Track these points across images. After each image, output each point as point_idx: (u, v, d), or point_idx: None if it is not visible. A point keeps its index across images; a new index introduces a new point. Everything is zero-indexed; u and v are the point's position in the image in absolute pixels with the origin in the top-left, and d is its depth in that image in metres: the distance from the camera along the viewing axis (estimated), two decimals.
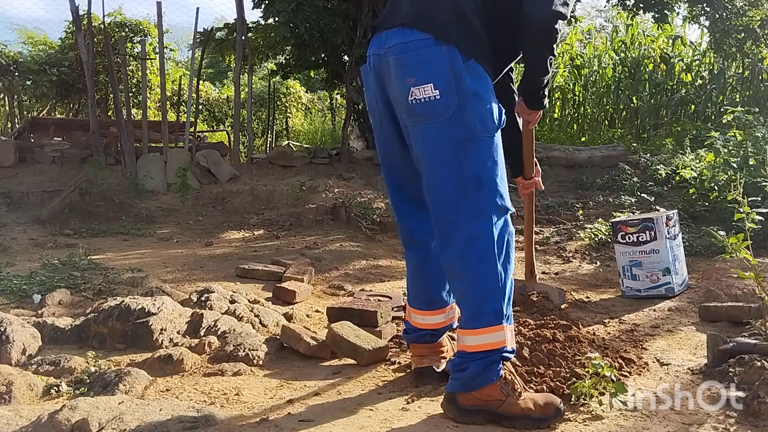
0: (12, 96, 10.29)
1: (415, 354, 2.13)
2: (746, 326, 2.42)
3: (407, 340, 2.19)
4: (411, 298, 2.14)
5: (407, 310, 2.19)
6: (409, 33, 1.72)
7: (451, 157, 1.71)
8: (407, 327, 2.18)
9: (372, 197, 6.06)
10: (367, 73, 1.90)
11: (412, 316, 2.14)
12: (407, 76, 1.71)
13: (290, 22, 6.82)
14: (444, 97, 1.68)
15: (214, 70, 16.31)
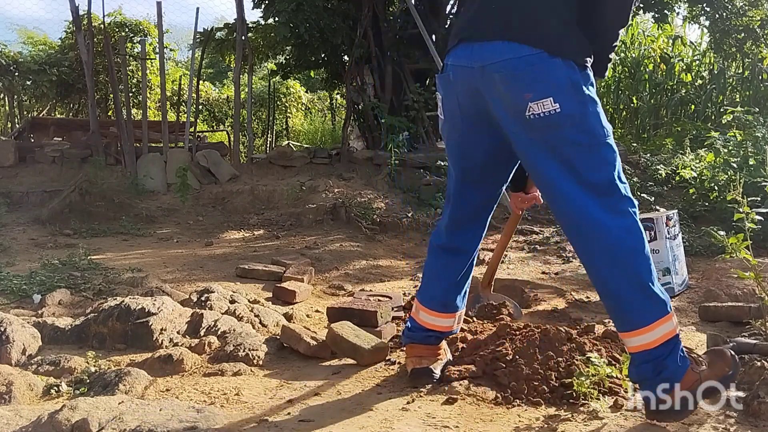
0: (12, 96, 10.30)
1: (413, 354, 2.12)
2: (746, 326, 2.42)
3: (410, 338, 2.15)
4: (426, 298, 2.12)
5: (416, 308, 2.15)
6: (518, 48, 1.69)
7: (579, 164, 1.70)
8: (412, 325, 2.15)
9: (372, 197, 6.06)
10: (449, 82, 1.86)
11: (422, 314, 2.12)
12: (524, 91, 1.68)
13: (290, 22, 6.83)
14: (565, 109, 1.67)
15: (214, 70, 16.31)
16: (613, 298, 1.75)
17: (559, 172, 1.71)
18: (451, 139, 1.96)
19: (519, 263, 4.32)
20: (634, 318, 1.70)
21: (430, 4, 7.94)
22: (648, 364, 1.68)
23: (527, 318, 2.94)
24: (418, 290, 2.19)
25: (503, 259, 4.36)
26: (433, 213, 5.78)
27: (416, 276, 3.95)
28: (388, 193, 6.34)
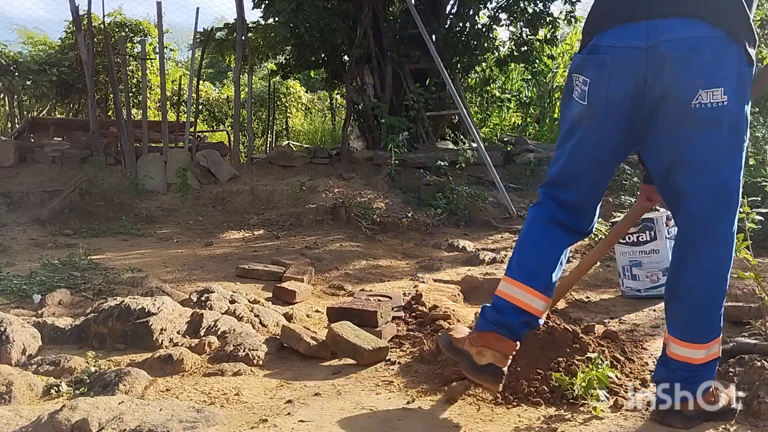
0: (12, 96, 10.30)
1: (491, 346, 1.76)
2: (746, 326, 2.42)
3: (497, 324, 1.78)
4: (524, 274, 1.80)
5: (509, 285, 1.81)
6: (698, 26, 1.53)
7: (722, 168, 1.61)
8: (501, 305, 1.79)
9: (372, 197, 6.06)
10: (603, 65, 1.65)
11: (517, 292, 1.78)
12: (697, 76, 1.53)
13: (290, 22, 6.83)
14: (731, 104, 1.55)
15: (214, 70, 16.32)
16: (696, 308, 1.70)
17: (700, 170, 1.61)
18: (586, 126, 1.74)
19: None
20: (701, 332, 1.70)
21: (430, 4, 7.95)
22: (684, 373, 1.70)
23: None
24: (511, 266, 1.85)
25: (503, 259, 4.36)
26: (433, 213, 5.78)
27: (416, 276, 3.94)
28: (388, 193, 6.34)
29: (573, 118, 1.76)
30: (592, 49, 1.69)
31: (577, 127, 1.76)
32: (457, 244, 4.88)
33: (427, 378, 2.12)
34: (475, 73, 9.42)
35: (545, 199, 1.89)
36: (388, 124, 7.34)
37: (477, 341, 1.78)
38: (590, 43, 1.71)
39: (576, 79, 1.72)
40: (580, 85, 1.70)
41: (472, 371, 1.77)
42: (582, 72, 1.71)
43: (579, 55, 1.76)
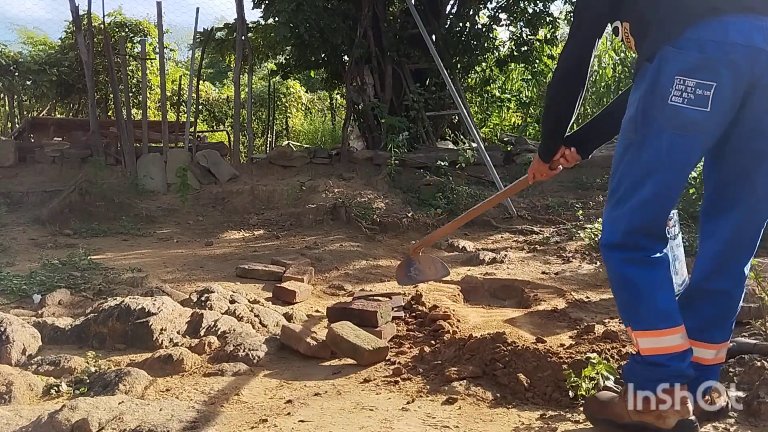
0: (12, 96, 10.30)
1: (684, 399, 1.60)
2: (746, 326, 2.42)
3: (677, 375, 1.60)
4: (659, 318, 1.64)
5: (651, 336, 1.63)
6: None
7: None
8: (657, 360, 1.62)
9: (372, 197, 6.06)
10: (733, 66, 1.46)
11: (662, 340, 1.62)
12: None
13: (290, 22, 6.84)
14: None
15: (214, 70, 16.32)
16: (722, 312, 1.72)
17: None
18: (701, 136, 1.54)
19: (519, 263, 4.32)
20: (719, 333, 1.70)
21: (430, 4, 7.95)
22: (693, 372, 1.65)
23: (527, 318, 2.94)
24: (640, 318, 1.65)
25: (503, 259, 4.36)
26: (433, 213, 5.78)
27: None
28: (388, 193, 6.34)
29: (681, 126, 1.52)
30: (709, 46, 1.46)
31: (684, 137, 1.54)
32: (457, 244, 4.88)
33: (427, 378, 2.12)
34: (475, 73, 9.42)
35: (634, 242, 1.64)
36: (388, 124, 7.34)
37: (647, 407, 1.61)
38: (701, 37, 1.47)
39: (682, 82, 1.48)
40: (692, 89, 1.48)
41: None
42: (700, 75, 1.47)
43: (688, 53, 1.48)
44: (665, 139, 1.54)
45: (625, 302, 1.67)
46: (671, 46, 1.50)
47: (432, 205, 5.94)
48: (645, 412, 1.60)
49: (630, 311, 1.66)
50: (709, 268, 1.70)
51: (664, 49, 1.51)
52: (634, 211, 1.61)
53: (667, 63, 1.51)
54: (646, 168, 1.59)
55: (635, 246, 1.62)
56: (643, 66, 1.59)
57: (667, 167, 1.57)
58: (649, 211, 1.61)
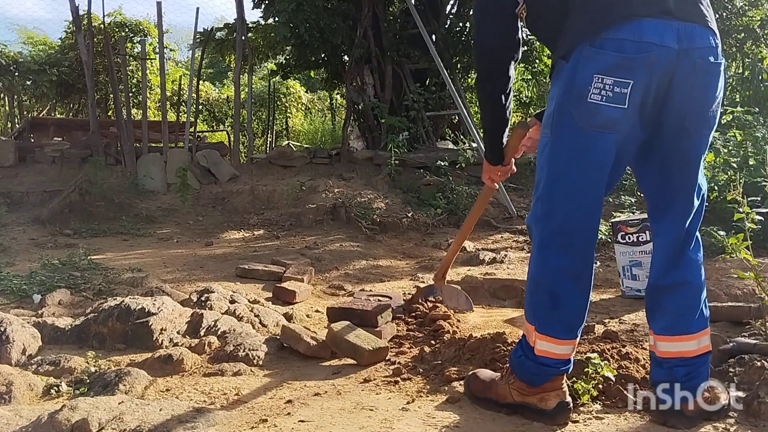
0: (12, 96, 10.31)
1: (563, 384, 1.75)
2: (746, 326, 2.42)
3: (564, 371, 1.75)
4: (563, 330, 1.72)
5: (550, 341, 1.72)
6: (713, 37, 1.58)
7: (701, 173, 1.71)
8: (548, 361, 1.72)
9: (372, 197, 6.06)
10: (649, 64, 1.52)
11: (558, 348, 1.71)
12: (716, 84, 1.60)
13: (290, 22, 6.84)
14: (717, 114, 1.66)
15: (214, 70, 16.32)
16: (686, 302, 1.74)
17: (696, 170, 1.68)
18: (623, 133, 1.58)
19: (519, 263, 4.31)
20: (690, 322, 1.72)
21: (430, 4, 7.95)
22: (682, 369, 1.72)
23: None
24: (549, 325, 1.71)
25: (503, 259, 4.36)
26: (433, 213, 5.78)
27: (416, 276, 3.95)
28: (388, 193, 6.34)
29: (600, 123, 1.56)
30: (625, 46, 1.52)
31: (602, 134, 1.58)
32: None
33: (427, 378, 2.12)
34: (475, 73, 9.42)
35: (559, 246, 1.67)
36: (388, 124, 7.34)
37: (534, 389, 1.73)
38: (618, 37, 1.52)
39: (600, 80, 1.53)
40: (610, 87, 1.53)
41: (545, 418, 1.73)
42: (618, 74, 1.52)
43: (607, 55, 1.53)
44: (581, 136, 1.59)
45: (539, 304, 1.71)
46: (590, 46, 1.54)
47: (432, 205, 5.94)
48: (528, 395, 1.74)
49: (541, 314, 1.71)
50: (664, 265, 1.74)
51: (582, 48, 1.56)
52: (554, 213, 1.66)
53: (586, 61, 1.55)
54: (562, 166, 1.63)
55: (559, 248, 1.66)
56: (558, 64, 1.64)
57: (583, 165, 1.61)
58: (566, 213, 1.64)
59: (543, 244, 1.70)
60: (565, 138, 1.62)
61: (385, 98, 7.81)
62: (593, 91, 1.54)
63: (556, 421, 1.72)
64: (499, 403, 1.81)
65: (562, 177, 1.64)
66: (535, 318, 1.72)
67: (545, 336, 1.70)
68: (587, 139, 1.58)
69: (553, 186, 1.66)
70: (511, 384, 1.79)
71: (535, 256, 1.73)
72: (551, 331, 1.70)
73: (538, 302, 1.72)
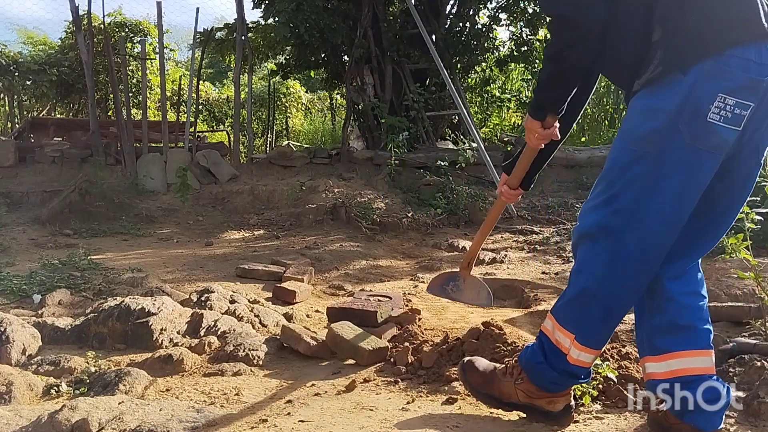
0: (12, 96, 10.30)
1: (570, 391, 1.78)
2: (746, 326, 2.42)
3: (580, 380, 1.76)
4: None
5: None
6: None
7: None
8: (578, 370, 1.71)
9: (372, 197, 6.06)
10: (758, 84, 1.45)
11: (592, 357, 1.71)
12: None
13: (290, 22, 6.84)
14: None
15: (214, 70, 16.32)
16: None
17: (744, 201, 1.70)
18: (711, 164, 1.51)
19: (519, 263, 4.32)
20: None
21: (430, 4, 7.95)
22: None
23: (527, 318, 2.94)
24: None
25: (503, 259, 4.36)
26: (433, 213, 5.78)
27: (416, 276, 3.95)
28: (388, 193, 6.34)
29: (714, 146, 1.48)
30: (752, 67, 1.44)
31: (712, 155, 1.50)
32: (457, 244, 4.88)
33: (427, 378, 2.12)
34: (475, 73, 9.42)
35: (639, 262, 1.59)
36: (388, 124, 7.34)
37: (542, 394, 1.73)
38: (745, 56, 1.44)
39: (723, 99, 1.44)
40: (731, 108, 1.45)
41: (550, 419, 1.73)
42: (742, 95, 1.45)
43: (732, 72, 1.44)
44: (691, 155, 1.49)
45: (590, 316, 1.63)
46: (713, 62, 1.45)
47: (432, 205, 5.94)
48: (537, 398, 1.73)
49: (588, 326, 1.64)
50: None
51: (705, 63, 1.45)
52: (640, 229, 1.55)
53: (710, 78, 1.45)
54: (661, 183, 1.52)
55: (638, 265, 1.58)
56: (671, 76, 1.49)
57: (687, 184, 1.52)
58: (656, 231, 1.56)
59: (616, 258, 1.58)
60: (673, 155, 1.50)
61: (385, 98, 7.81)
62: (713, 111, 1.45)
63: (561, 423, 1.72)
64: (502, 401, 1.79)
65: (660, 195, 1.53)
66: (579, 328, 1.65)
67: (585, 347, 1.65)
68: (697, 158, 1.49)
69: (647, 201, 1.54)
70: (518, 384, 1.77)
71: (600, 270, 1.60)
72: (593, 344, 1.66)
73: (588, 314, 1.63)
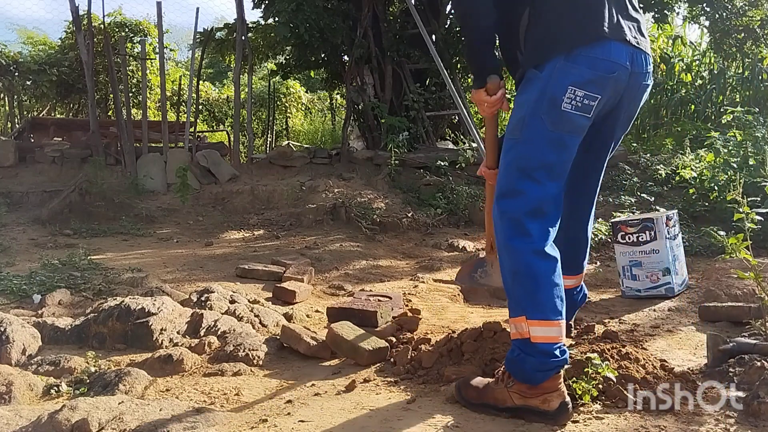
0: (12, 96, 10.30)
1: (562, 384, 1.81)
2: (746, 326, 2.42)
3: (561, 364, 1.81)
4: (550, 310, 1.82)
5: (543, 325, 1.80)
6: (650, 63, 1.88)
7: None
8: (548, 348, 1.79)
9: (372, 197, 6.06)
10: (613, 81, 1.77)
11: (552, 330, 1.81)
12: (642, 101, 1.97)
13: (290, 22, 6.83)
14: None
15: (214, 70, 16.32)
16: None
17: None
18: (582, 129, 1.82)
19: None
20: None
21: (430, 4, 7.94)
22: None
23: None
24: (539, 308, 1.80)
25: None
26: (433, 213, 5.77)
27: (416, 276, 3.94)
28: (388, 193, 6.33)
29: (571, 130, 1.79)
30: (599, 64, 1.74)
31: (573, 138, 1.82)
32: (457, 244, 4.88)
33: (426, 378, 2.12)
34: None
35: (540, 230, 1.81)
36: (388, 124, 7.34)
37: (535, 391, 1.76)
38: (591, 55, 1.73)
39: (575, 92, 1.73)
40: (580, 99, 1.74)
41: (548, 419, 1.75)
42: (589, 88, 1.74)
43: (582, 69, 1.72)
44: (551, 137, 1.78)
45: (525, 291, 1.79)
46: (564, 59, 1.73)
47: (432, 205, 5.94)
48: (530, 397, 1.76)
49: (527, 300, 1.78)
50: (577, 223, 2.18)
51: (557, 60, 1.74)
52: (526, 201, 1.79)
53: (561, 73, 1.74)
54: (531, 163, 1.80)
55: (527, 233, 1.78)
56: (530, 72, 1.81)
57: (550, 161, 1.80)
58: (538, 201, 1.80)
59: (524, 232, 1.81)
60: (535, 138, 1.79)
61: (385, 98, 7.81)
62: (565, 101, 1.74)
63: (559, 422, 1.73)
64: (498, 407, 1.81)
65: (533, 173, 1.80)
66: (523, 308, 1.78)
67: (536, 320, 1.77)
68: (557, 139, 1.80)
69: (523, 178, 1.81)
70: (509, 387, 1.79)
71: (516, 244, 1.81)
72: (539, 315, 1.77)
73: (526, 290, 1.79)
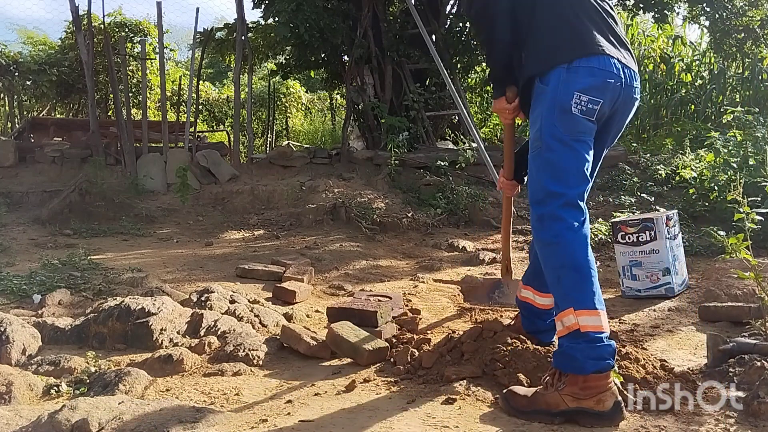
0: (12, 96, 10.30)
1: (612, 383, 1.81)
2: (746, 326, 2.42)
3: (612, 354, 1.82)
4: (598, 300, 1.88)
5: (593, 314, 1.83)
6: (638, 79, 2.04)
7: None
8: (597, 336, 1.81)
9: (372, 197, 6.06)
10: (614, 89, 1.92)
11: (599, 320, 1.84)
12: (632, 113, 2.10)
13: (290, 22, 6.83)
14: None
15: (214, 70, 16.32)
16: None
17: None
18: (591, 132, 1.96)
19: (519, 263, 4.31)
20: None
21: (430, 4, 7.94)
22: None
23: None
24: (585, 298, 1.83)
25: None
26: (433, 213, 5.77)
27: (416, 276, 3.94)
28: (388, 193, 6.33)
29: (583, 131, 1.92)
30: (602, 73, 1.89)
31: (588, 137, 1.95)
32: (457, 244, 4.88)
33: (426, 378, 2.12)
34: (475, 73, 9.43)
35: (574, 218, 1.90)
36: (388, 124, 7.34)
37: (588, 391, 1.74)
38: (589, 65, 1.88)
39: (580, 97, 1.87)
40: (585, 103, 1.88)
41: (603, 420, 1.72)
42: (593, 94, 1.88)
43: (584, 77, 1.87)
44: (568, 141, 1.90)
45: (572, 282, 1.84)
46: (566, 70, 1.88)
47: (432, 205, 5.94)
48: (584, 398, 1.73)
49: (574, 292, 1.83)
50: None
51: (560, 72, 1.89)
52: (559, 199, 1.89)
53: (566, 83, 1.88)
54: (556, 166, 1.91)
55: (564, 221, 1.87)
56: (538, 88, 1.95)
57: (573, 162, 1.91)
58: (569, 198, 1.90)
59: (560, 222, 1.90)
60: (555, 144, 1.91)
61: (385, 98, 7.81)
62: (573, 105, 1.87)
63: (614, 422, 1.71)
64: (551, 412, 1.76)
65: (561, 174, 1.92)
66: (572, 300, 1.81)
67: (585, 310, 1.79)
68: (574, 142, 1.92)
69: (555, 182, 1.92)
70: (561, 390, 1.76)
71: (563, 236, 1.87)
72: (588, 304, 1.80)
73: (573, 281, 1.83)
